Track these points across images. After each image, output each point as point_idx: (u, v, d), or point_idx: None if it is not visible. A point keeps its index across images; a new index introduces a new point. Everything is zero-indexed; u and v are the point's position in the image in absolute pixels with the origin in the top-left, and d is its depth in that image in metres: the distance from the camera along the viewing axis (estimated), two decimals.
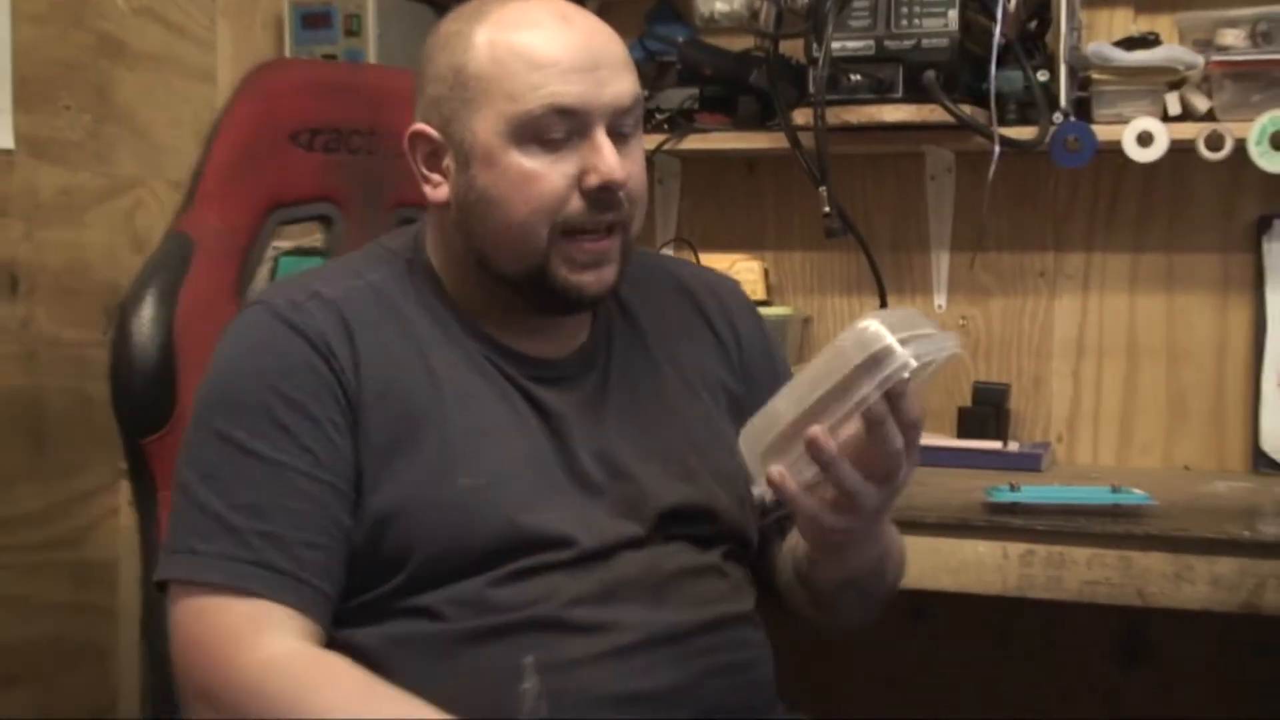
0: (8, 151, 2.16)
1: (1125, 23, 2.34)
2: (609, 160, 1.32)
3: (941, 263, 2.45)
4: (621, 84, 1.34)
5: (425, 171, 1.39)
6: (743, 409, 1.42)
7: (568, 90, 1.31)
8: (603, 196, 1.33)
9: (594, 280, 1.36)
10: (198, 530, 1.28)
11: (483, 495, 1.32)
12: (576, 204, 1.33)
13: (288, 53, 2.49)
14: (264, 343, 1.34)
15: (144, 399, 1.49)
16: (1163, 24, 2.29)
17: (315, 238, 1.82)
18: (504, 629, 1.29)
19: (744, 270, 2.43)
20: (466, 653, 1.29)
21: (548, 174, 1.32)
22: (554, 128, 1.32)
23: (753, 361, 1.54)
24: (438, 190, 1.38)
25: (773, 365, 1.56)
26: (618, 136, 1.35)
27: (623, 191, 1.34)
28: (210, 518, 1.28)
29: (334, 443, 1.31)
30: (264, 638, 1.24)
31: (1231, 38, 2.14)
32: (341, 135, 1.71)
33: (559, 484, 1.37)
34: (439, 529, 1.30)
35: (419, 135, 1.39)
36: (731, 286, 1.60)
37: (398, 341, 1.37)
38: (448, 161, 1.37)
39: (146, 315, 1.51)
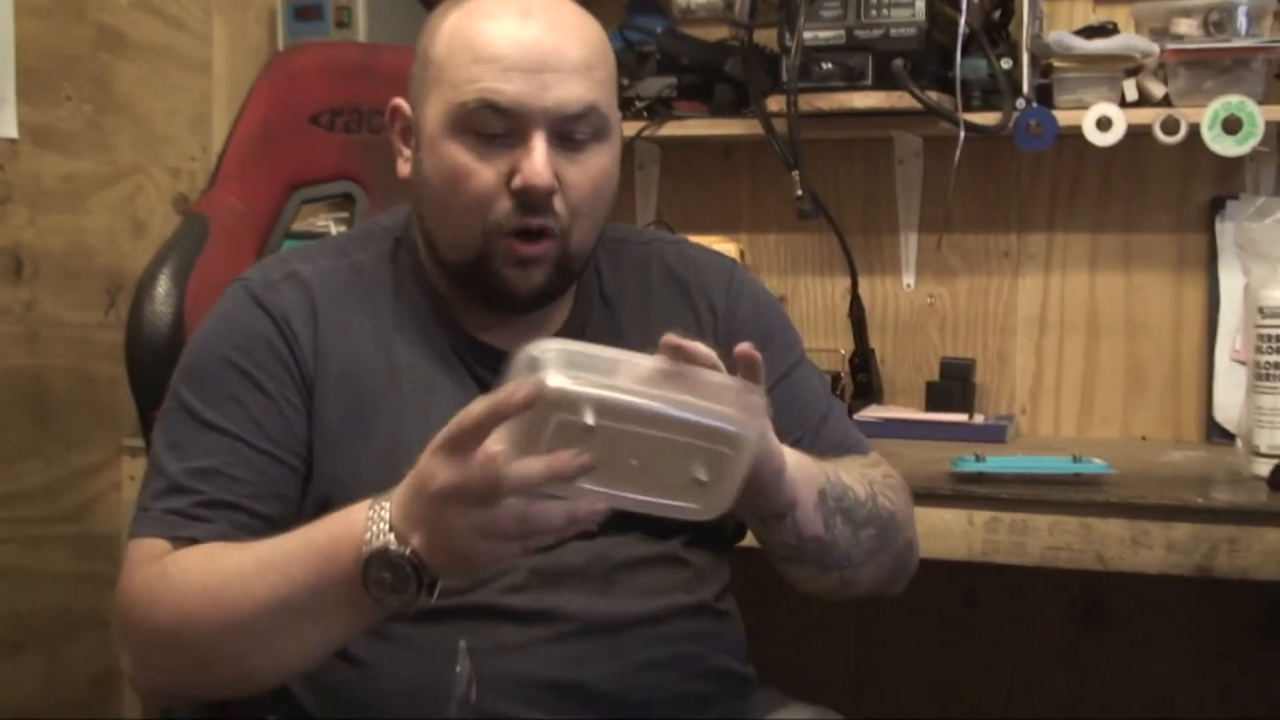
0: (12, 141, 2.18)
1: (1085, 12, 2.37)
2: (534, 164, 1.28)
3: (910, 244, 2.48)
4: (569, 89, 1.29)
5: (400, 145, 1.39)
6: None
7: (503, 89, 1.28)
8: (525, 199, 1.29)
9: (520, 279, 1.33)
10: (155, 491, 1.32)
11: None
12: (505, 204, 1.30)
13: (280, 44, 2.51)
14: (231, 319, 1.37)
15: (155, 372, 1.53)
16: (1120, 13, 2.31)
17: (321, 220, 1.87)
18: (440, 613, 1.25)
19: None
20: (404, 633, 1.29)
21: (479, 171, 1.30)
22: (489, 123, 1.29)
23: (735, 337, 1.36)
24: (405, 166, 1.39)
25: (762, 341, 1.38)
26: (568, 142, 1.31)
27: (557, 198, 1.30)
28: (164, 479, 1.32)
29: (285, 418, 1.32)
30: (156, 561, 1.28)
31: (1185, 27, 2.17)
32: (363, 115, 1.73)
33: None
34: None
35: (397, 109, 1.39)
36: (720, 265, 1.53)
37: (365, 326, 1.37)
38: (414, 140, 1.37)
39: (159, 293, 1.56)
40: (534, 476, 1.05)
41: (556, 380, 1.04)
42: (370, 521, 1.13)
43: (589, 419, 1.04)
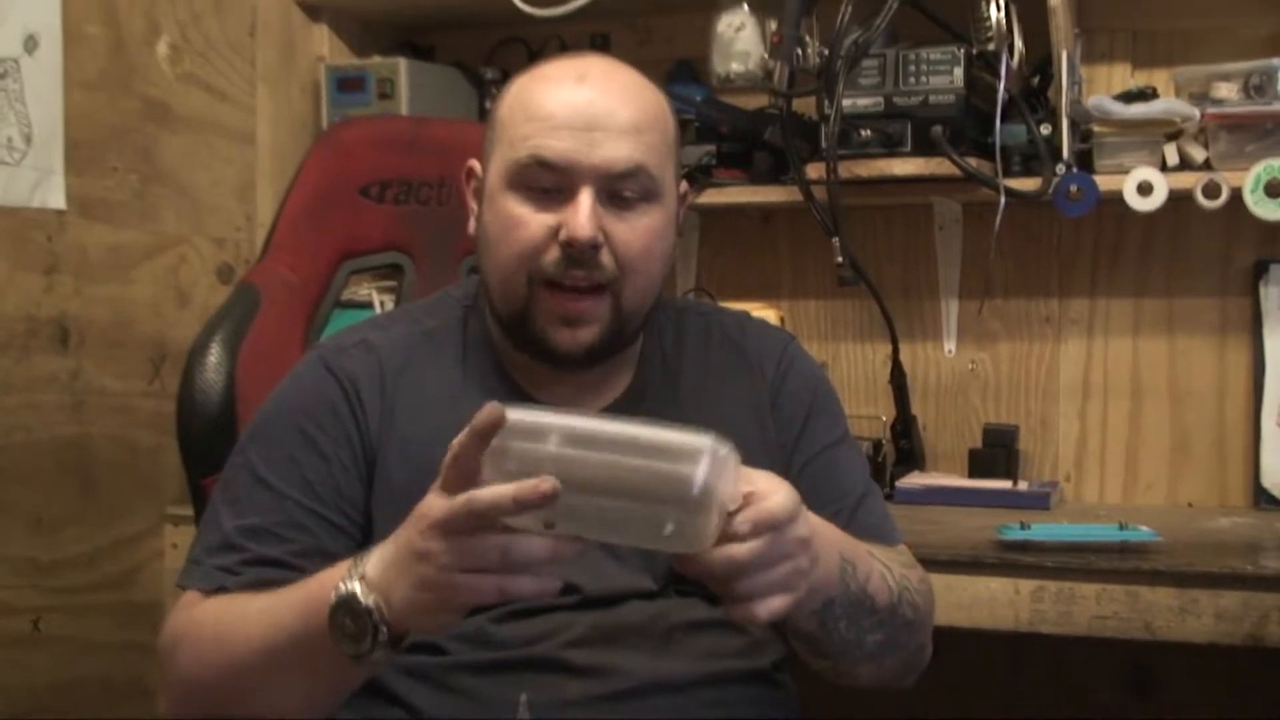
0: (60, 212, 2.20)
1: (1124, 77, 2.38)
2: (579, 218, 1.33)
3: (950, 309, 2.49)
4: (617, 149, 1.34)
5: (471, 203, 1.46)
6: (776, 454, 1.43)
7: (553, 145, 1.34)
8: (571, 252, 1.34)
9: (569, 338, 1.37)
10: (209, 545, 1.38)
11: None
12: (554, 255, 1.35)
13: (324, 115, 2.56)
14: (300, 382, 1.43)
15: (206, 440, 1.56)
16: (1160, 78, 2.33)
17: (364, 289, 1.90)
18: (503, 664, 1.32)
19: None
20: (466, 683, 1.32)
21: (530, 222, 1.35)
22: (540, 178, 1.35)
23: (779, 406, 1.49)
24: (473, 223, 1.45)
25: (804, 413, 1.50)
26: (617, 200, 1.36)
27: (605, 253, 1.35)
28: (219, 534, 1.37)
29: (336, 479, 1.37)
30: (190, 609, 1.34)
31: (1226, 91, 2.17)
32: (411, 187, 1.77)
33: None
34: None
35: (471, 169, 1.46)
36: (777, 337, 1.57)
37: (432, 390, 1.41)
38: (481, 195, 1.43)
39: (211, 362, 1.58)
40: (503, 497, 1.06)
41: (515, 412, 1.08)
42: (349, 569, 1.17)
43: (551, 445, 1.07)
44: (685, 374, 1.49)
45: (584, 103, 1.36)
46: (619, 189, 1.36)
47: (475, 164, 1.46)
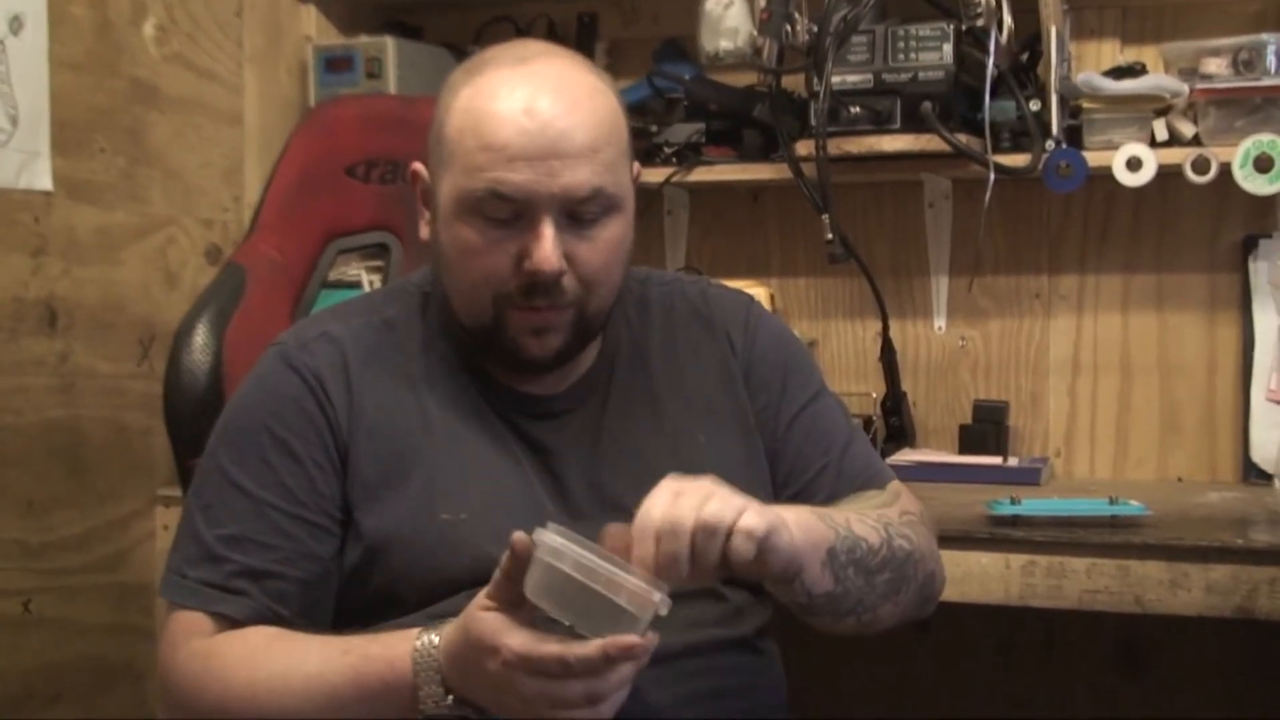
0: (47, 193, 2.19)
1: (1113, 53, 2.39)
2: (542, 250, 1.30)
3: (940, 286, 2.49)
4: (576, 175, 1.31)
5: (421, 206, 1.43)
6: (749, 421, 1.46)
7: (510, 178, 1.30)
8: (533, 282, 1.32)
9: (537, 346, 1.36)
10: (189, 556, 1.37)
11: (461, 530, 1.34)
12: (517, 282, 1.33)
13: (311, 95, 2.55)
14: (264, 382, 1.41)
15: (193, 422, 1.56)
16: (1149, 54, 2.33)
17: (353, 269, 1.90)
18: None
19: None
20: None
21: (490, 251, 1.33)
22: (497, 209, 1.31)
23: (754, 371, 1.50)
24: (425, 229, 1.42)
25: (780, 374, 1.51)
26: (577, 223, 1.33)
27: (566, 278, 1.33)
28: (199, 546, 1.36)
29: (313, 480, 1.36)
30: (198, 638, 1.35)
31: (1215, 66, 2.17)
32: (398, 167, 1.75)
33: (549, 516, 1.35)
34: (419, 562, 1.33)
35: (417, 174, 1.43)
36: (737, 301, 1.56)
37: (397, 380, 1.40)
38: (433, 206, 1.39)
39: (197, 343, 1.58)
40: (594, 658, 1.15)
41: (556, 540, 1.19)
42: (420, 679, 1.21)
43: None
44: (653, 348, 1.49)
45: (538, 128, 1.30)
46: (579, 212, 1.33)
47: (421, 169, 1.42)
